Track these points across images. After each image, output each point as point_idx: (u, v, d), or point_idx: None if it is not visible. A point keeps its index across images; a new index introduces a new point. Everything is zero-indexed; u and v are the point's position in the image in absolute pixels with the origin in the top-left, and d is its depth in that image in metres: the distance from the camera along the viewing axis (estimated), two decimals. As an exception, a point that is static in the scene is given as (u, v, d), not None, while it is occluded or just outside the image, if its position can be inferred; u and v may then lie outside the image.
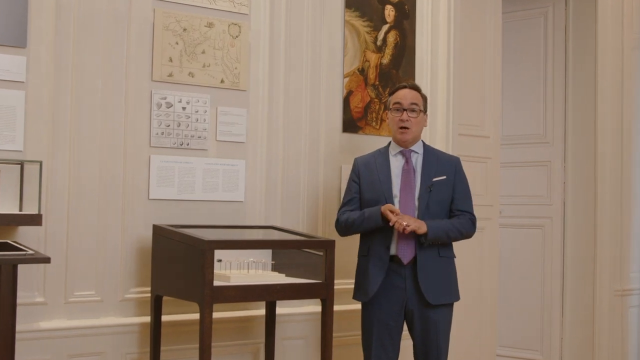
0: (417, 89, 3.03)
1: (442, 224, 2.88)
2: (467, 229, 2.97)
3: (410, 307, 2.90)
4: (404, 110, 2.95)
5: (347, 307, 3.24)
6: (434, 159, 3.00)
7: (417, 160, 2.99)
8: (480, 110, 4.03)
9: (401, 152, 2.99)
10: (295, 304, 3.22)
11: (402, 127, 2.95)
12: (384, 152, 3.03)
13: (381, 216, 2.83)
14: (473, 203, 3.05)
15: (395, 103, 2.98)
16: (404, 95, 2.97)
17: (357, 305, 3.05)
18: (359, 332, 3.02)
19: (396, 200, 2.91)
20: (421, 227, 2.81)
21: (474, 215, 3.00)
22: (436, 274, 2.90)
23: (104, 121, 2.86)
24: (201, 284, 2.50)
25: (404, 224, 2.78)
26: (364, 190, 2.99)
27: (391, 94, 3.05)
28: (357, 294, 2.99)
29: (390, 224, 2.81)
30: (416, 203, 2.91)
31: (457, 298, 3.00)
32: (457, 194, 2.98)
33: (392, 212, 2.81)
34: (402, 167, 2.96)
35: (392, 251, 2.89)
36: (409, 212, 2.89)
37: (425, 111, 3.02)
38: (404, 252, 2.88)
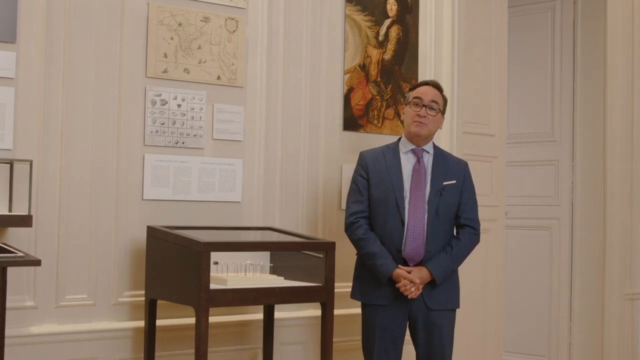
0: (439, 88, 2.99)
1: (445, 264, 2.85)
2: (471, 247, 2.96)
3: (415, 311, 2.86)
4: (424, 106, 2.91)
5: (348, 311, 3.20)
6: (443, 162, 2.96)
7: (428, 160, 2.95)
8: (486, 107, 4.01)
9: (413, 151, 2.94)
10: (294, 307, 3.19)
11: (417, 121, 2.89)
12: (393, 149, 2.97)
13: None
14: (478, 204, 3.02)
15: (415, 97, 2.94)
16: (425, 92, 2.94)
17: (359, 309, 3.01)
18: (360, 337, 2.99)
19: (406, 201, 2.86)
20: (426, 279, 2.81)
21: (477, 223, 2.98)
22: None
23: (96, 119, 2.84)
24: (197, 287, 2.48)
25: (413, 289, 2.78)
26: (373, 187, 2.92)
27: (412, 89, 3.02)
28: (369, 297, 2.90)
29: (402, 290, 2.79)
30: (426, 206, 2.86)
31: (459, 304, 2.99)
32: (465, 201, 2.95)
33: (404, 277, 2.79)
34: (414, 167, 2.91)
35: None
36: (418, 214, 2.85)
37: (443, 113, 2.97)
38: (412, 254, 2.84)
